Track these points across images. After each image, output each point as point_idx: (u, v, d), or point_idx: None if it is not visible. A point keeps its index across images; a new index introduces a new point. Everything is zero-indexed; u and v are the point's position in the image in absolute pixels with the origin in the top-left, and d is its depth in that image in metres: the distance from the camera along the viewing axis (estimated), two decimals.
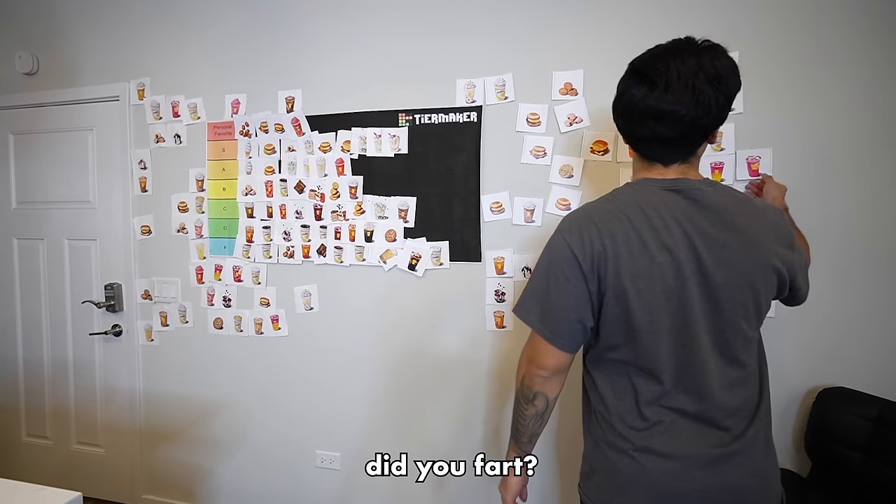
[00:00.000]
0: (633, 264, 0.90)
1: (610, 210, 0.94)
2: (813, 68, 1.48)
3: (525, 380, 1.04)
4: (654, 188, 0.96)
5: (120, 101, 2.15)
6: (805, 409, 1.52)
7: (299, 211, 1.95)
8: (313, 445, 2.02)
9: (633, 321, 0.92)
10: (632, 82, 0.97)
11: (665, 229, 0.90)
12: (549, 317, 0.96)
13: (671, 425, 0.94)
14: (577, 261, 0.92)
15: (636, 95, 0.94)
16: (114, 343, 2.26)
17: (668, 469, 0.92)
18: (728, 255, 0.90)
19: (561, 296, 0.95)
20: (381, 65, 1.84)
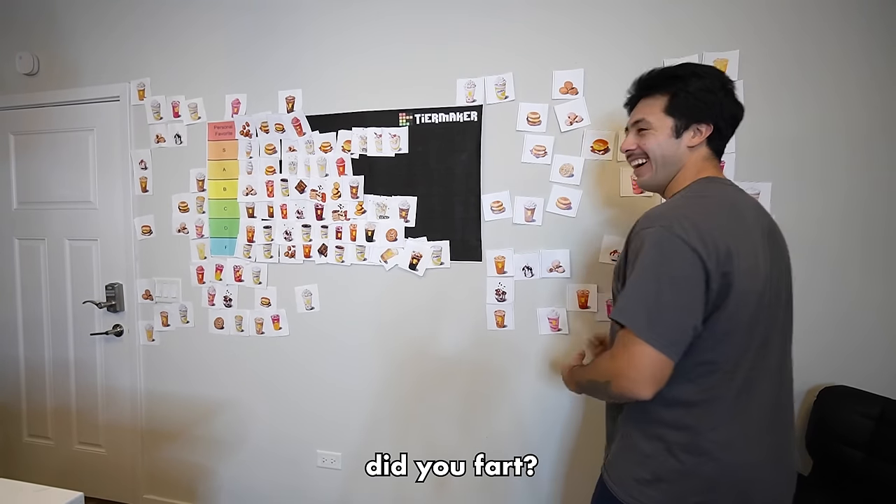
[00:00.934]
0: (749, 265, 0.89)
1: (716, 209, 0.93)
2: (811, 68, 1.48)
3: (614, 390, 0.92)
4: (733, 187, 1.01)
5: (120, 102, 2.14)
6: (806, 407, 1.51)
7: (300, 211, 1.95)
8: (314, 445, 2.02)
9: (736, 320, 0.89)
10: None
11: (757, 230, 0.94)
12: (661, 323, 0.86)
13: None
14: (702, 259, 0.86)
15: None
16: (115, 343, 2.25)
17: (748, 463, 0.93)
18: (779, 254, 0.97)
19: (678, 298, 0.87)
20: (382, 65, 1.83)
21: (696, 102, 1.00)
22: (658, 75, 1.05)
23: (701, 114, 1.00)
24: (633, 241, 0.94)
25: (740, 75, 1.51)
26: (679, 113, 1.01)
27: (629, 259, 0.94)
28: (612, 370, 0.92)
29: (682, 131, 1.01)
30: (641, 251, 0.90)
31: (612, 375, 0.92)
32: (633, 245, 0.93)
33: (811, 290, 1.50)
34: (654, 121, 1.03)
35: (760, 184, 1.51)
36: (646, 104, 1.06)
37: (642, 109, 1.07)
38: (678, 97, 1.01)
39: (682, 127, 1.01)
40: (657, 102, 1.03)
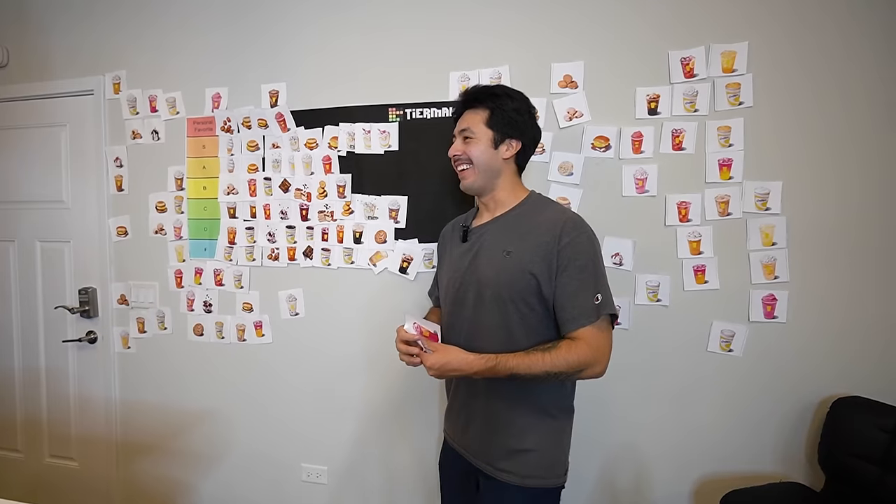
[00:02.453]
0: None
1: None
2: (824, 61, 1.41)
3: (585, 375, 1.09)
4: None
5: (94, 96, 2.05)
6: (818, 419, 1.45)
7: (284, 211, 1.87)
8: (299, 458, 1.93)
9: None
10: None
11: None
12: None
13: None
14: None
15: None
16: (88, 350, 2.15)
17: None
18: None
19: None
20: (370, 56, 1.75)
21: (510, 120, 1.20)
22: (481, 91, 1.23)
23: (513, 130, 1.21)
24: (565, 247, 1.09)
25: (749, 68, 1.44)
26: (497, 127, 1.20)
27: (563, 263, 1.09)
28: (591, 358, 1.06)
29: (499, 143, 1.20)
30: (584, 253, 1.09)
31: (589, 363, 1.06)
32: (569, 251, 1.09)
33: (824, 295, 1.43)
34: (478, 131, 1.21)
35: (770, 183, 1.45)
36: (470, 116, 1.23)
37: (468, 119, 1.23)
38: (496, 113, 1.20)
39: (499, 140, 1.20)
40: (479, 115, 1.21)
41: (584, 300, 1.08)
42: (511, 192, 1.24)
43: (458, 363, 1.08)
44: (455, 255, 1.30)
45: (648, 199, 1.53)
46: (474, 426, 1.23)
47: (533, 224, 1.16)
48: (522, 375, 1.05)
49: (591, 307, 1.07)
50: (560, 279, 1.09)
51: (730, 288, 1.49)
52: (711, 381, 1.52)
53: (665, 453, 1.57)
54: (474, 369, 1.07)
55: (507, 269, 1.13)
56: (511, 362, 1.06)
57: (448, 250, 1.36)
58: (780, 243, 1.44)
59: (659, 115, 1.51)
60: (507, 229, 1.19)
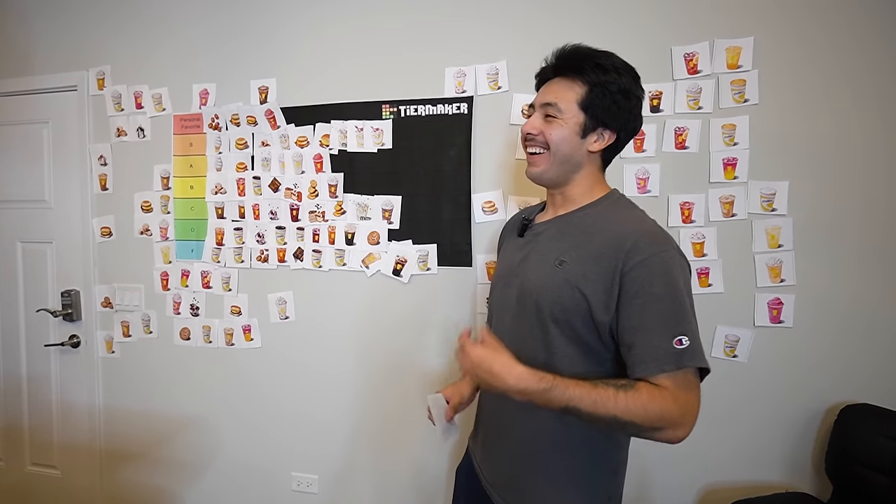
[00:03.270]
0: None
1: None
2: (834, 58, 1.36)
3: (660, 437, 0.83)
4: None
5: (78, 92, 1.99)
6: (826, 427, 1.41)
7: (274, 211, 1.81)
8: (289, 467, 1.87)
9: None
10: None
11: None
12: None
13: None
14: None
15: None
16: (71, 355, 2.09)
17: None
18: None
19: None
20: (363, 51, 1.70)
21: (612, 105, 0.93)
22: (584, 56, 0.95)
23: (610, 119, 0.94)
24: (635, 267, 0.83)
25: (755, 65, 1.40)
26: (592, 110, 0.93)
27: (630, 287, 0.84)
28: (676, 416, 0.80)
29: (589, 132, 0.94)
30: (663, 278, 0.83)
31: (672, 421, 0.80)
32: (640, 273, 0.83)
33: (832, 299, 1.39)
34: (567, 110, 0.93)
35: (776, 183, 1.40)
36: (561, 87, 0.95)
37: (557, 92, 0.95)
38: (595, 92, 0.92)
39: (591, 127, 0.94)
40: (573, 91, 0.94)
41: (660, 340, 0.81)
42: (588, 189, 0.98)
43: (502, 369, 0.82)
44: (509, 250, 1.10)
45: (650, 199, 1.49)
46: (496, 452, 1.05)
47: (599, 231, 0.91)
48: (581, 412, 0.80)
49: (671, 351, 0.80)
50: (626, 308, 0.84)
51: (734, 291, 1.45)
52: (715, 388, 1.46)
53: (668, 463, 1.53)
54: (520, 386, 0.81)
55: (555, 280, 0.91)
56: (572, 391, 0.80)
57: (505, 244, 1.17)
58: (786, 245, 1.40)
59: (661, 112, 1.47)
60: (565, 232, 0.97)
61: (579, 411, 0.80)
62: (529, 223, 1.07)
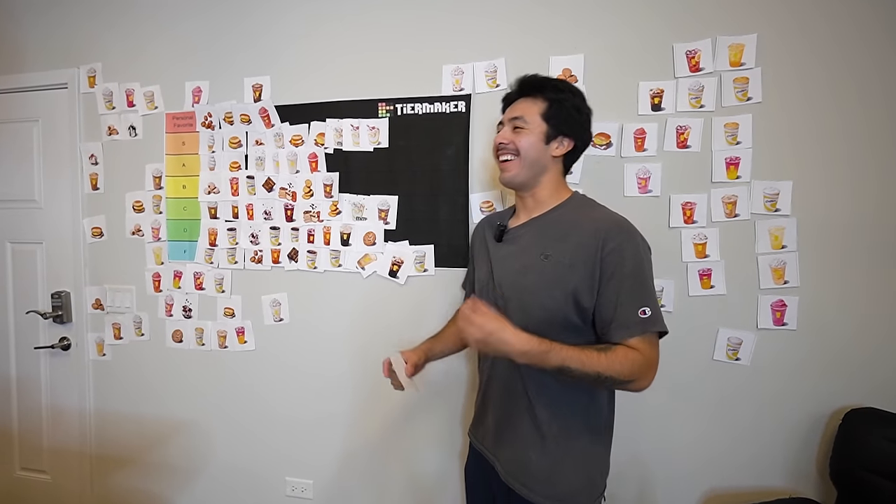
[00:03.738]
0: None
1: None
2: (839, 55, 1.34)
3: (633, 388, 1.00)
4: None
5: (68, 89, 1.96)
6: (830, 431, 1.38)
7: (268, 211, 1.78)
8: (283, 472, 1.84)
9: None
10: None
11: None
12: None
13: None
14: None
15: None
16: (61, 358, 2.05)
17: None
18: None
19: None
20: (359, 48, 1.68)
21: (568, 117, 1.11)
22: (543, 81, 1.14)
23: (568, 128, 1.12)
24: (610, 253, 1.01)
25: (757, 62, 1.38)
26: (553, 121, 1.11)
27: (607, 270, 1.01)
28: (644, 370, 0.98)
29: (551, 139, 1.11)
30: (631, 260, 1.01)
31: (640, 375, 0.98)
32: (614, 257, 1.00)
33: (837, 301, 1.37)
34: (532, 122, 1.11)
35: (780, 183, 1.38)
36: (525, 104, 1.13)
37: (522, 108, 1.13)
38: (554, 107, 1.11)
39: (552, 135, 1.11)
40: (536, 106, 1.11)
41: (629, 312, 0.99)
42: (554, 191, 1.15)
43: (511, 336, 0.93)
44: (493, 254, 1.20)
45: (651, 199, 1.46)
46: (510, 440, 1.14)
47: (574, 226, 1.07)
48: (572, 371, 0.95)
49: (637, 321, 0.98)
50: (606, 288, 1.01)
51: (737, 293, 1.42)
52: (717, 392, 1.45)
53: (669, 468, 1.50)
54: (525, 348, 0.93)
55: (546, 278, 1.05)
56: (564, 353, 0.95)
57: (481, 248, 1.27)
58: (790, 246, 1.38)
59: (663, 110, 1.44)
60: (545, 231, 1.11)
61: (570, 370, 0.95)
62: (505, 228, 1.20)
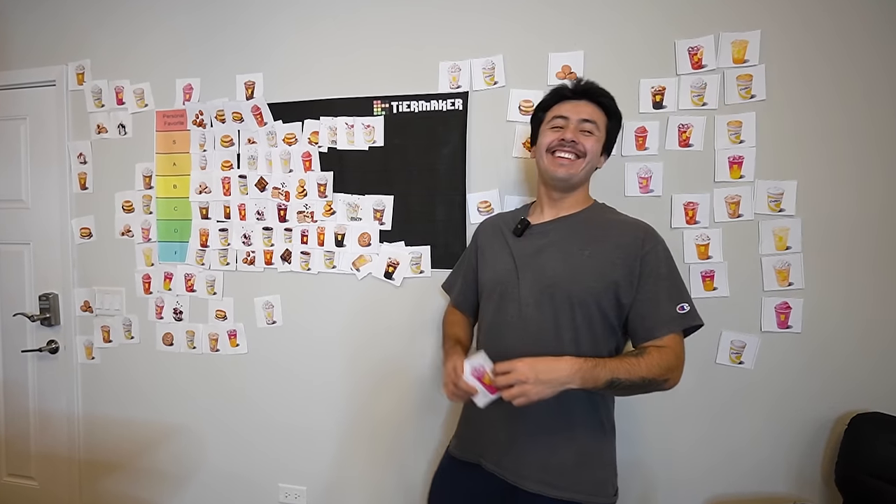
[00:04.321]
0: None
1: None
2: (845, 52, 1.31)
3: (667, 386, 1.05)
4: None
5: (57, 87, 1.92)
6: (836, 436, 1.36)
7: (261, 211, 1.75)
8: (276, 478, 1.80)
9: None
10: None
11: None
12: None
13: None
14: None
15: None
16: (49, 361, 2.01)
17: None
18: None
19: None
20: (354, 45, 1.64)
21: (614, 138, 1.21)
22: (605, 92, 1.18)
23: (611, 146, 1.20)
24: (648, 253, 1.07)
25: (761, 59, 1.35)
26: (610, 135, 1.19)
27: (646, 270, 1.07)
28: (676, 367, 1.03)
29: (602, 152, 1.18)
30: (667, 261, 1.09)
31: (673, 372, 1.02)
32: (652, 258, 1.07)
33: (842, 303, 1.34)
34: (601, 128, 1.16)
35: (784, 182, 1.35)
36: (593, 109, 1.16)
37: (591, 112, 1.15)
38: (613, 123, 1.18)
39: (605, 148, 1.18)
40: (601, 114, 1.16)
41: (668, 308, 1.05)
42: (586, 196, 1.22)
43: (555, 363, 0.97)
44: (516, 249, 1.19)
45: (653, 199, 1.43)
46: (524, 442, 1.10)
47: (609, 227, 1.13)
48: (622, 381, 0.98)
49: (676, 316, 1.05)
50: (644, 286, 1.06)
51: (740, 295, 1.39)
52: (720, 396, 1.43)
53: (671, 473, 1.47)
54: (575, 367, 0.97)
55: (587, 269, 1.08)
56: (611, 365, 0.99)
57: (495, 244, 1.25)
58: (794, 247, 1.35)
59: (664, 108, 1.42)
60: (577, 230, 1.15)
61: (620, 381, 0.98)
62: (528, 224, 1.20)
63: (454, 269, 1.47)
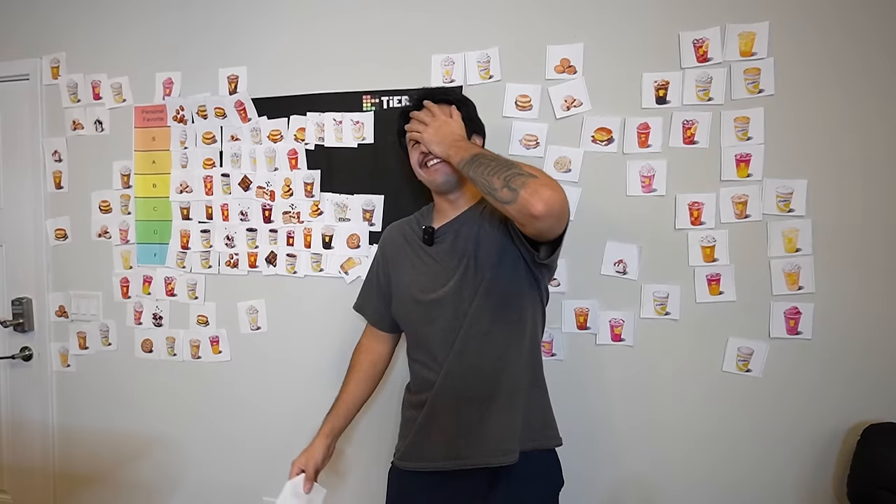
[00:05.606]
0: None
1: None
2: (857, 44, 1.26)
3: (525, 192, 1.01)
4: None
5: (30, 81, 1.85)
6: (848, 448, 1.30)
7: (244, 212, 1.69)
8: (260, 491, 1.73)
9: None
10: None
11: None
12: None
13: None
14: None
15: None
16: (23, 369, 1.94)
17: None
18: None
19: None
20: (343, 37, 1.58)
21: (473, 117, 1.26)
22: (441, 91, 1.26)
23: (477, 127, 1.27)
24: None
25: (770, 51, 1.29)
26: (466, 121, 1.21)
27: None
28: (541, 171, 1.00)
29: (469, 137, 1.23)
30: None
31: (539, 172, 0.99)
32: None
33: (855, 308, 1.29)
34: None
35: (794, 181, 1.30)
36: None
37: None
38: (462, 108, 1.23)
39: (469, 134, 1.22)
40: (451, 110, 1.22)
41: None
42: (474, 194, 1.24)
43: (448, 127, 1.14)
44: (438, 255, 1.21)
45: (656, 199, 1.38)
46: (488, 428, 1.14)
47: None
48: (486, 156, 1.04)
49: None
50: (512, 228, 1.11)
51: (748, 300, 1.34)
52: (726, 406, 1.37)
53: (673, 488, 1.42)
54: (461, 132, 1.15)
55: (490, 241, 1.15)
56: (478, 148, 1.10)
57: (409, 254, 1.26)
58: (804, 249, 1.30)
59: (668, 104, 1.36)
60: (476, 219, 1.20)
61: (485, 155, 1.05)
62: (434, 230, 1.22)
63: (363, 287, 1.41)
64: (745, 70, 1.31)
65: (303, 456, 1.28)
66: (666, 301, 1.38)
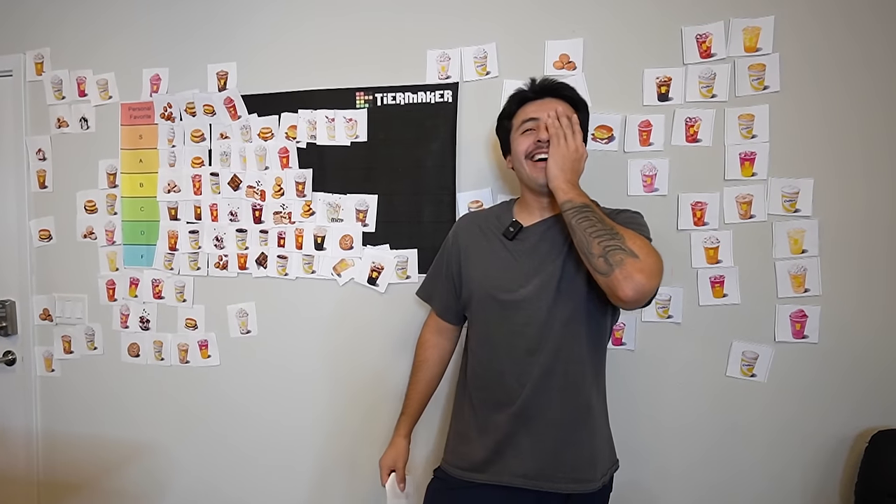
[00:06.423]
0: None
1: None
2: (864, 40, 1.24)
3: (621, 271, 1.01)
4: None
5: (13, 77, 1.82)
6: (855, 455, 1.28)
7: (234, 212, 1.65)
8: (250, 499, 1.70)
9: None
10: None
11: None
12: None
13: None
14: None
15: None
16: (5, 374, 1.90)
17: None
18: None
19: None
20: (335, 33, 1.56)
21: (585, 128, 1.18)
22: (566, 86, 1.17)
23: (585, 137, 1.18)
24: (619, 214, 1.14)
25: (775, 47, 1.27)
26: (584, 126, 1.17)
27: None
28: (650, 253, 0.98)
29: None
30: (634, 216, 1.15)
31: (646, 256, 0.96)
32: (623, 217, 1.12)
33: (862, 311, 1.26)
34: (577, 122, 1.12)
35: (800, 181, 1.27)
36: (565, 105, 1.12)
37: (565, 109, 1.11)
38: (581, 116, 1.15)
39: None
40: (572, 111, 1.14)
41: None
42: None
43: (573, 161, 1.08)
44: (516, 251, 1.16)
45: (658, 198, 1.35)
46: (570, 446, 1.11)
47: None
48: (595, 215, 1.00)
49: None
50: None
51: (752, 302, 1.32)
52: (730, 411, 1.35)
53: (676, 495, 1.40)
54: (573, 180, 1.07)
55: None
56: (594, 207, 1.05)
57: (483, 246, 1.22)
58: (811, 251, 1.27)
59: (670, 101, 1.34)
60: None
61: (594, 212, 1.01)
62: (521, 227, 1.17)
63: (429, 274, 1.36)
64: (749, 66, 1.28)
65: (389, 457, 1.29)
66: (668, 304, 1.36)
